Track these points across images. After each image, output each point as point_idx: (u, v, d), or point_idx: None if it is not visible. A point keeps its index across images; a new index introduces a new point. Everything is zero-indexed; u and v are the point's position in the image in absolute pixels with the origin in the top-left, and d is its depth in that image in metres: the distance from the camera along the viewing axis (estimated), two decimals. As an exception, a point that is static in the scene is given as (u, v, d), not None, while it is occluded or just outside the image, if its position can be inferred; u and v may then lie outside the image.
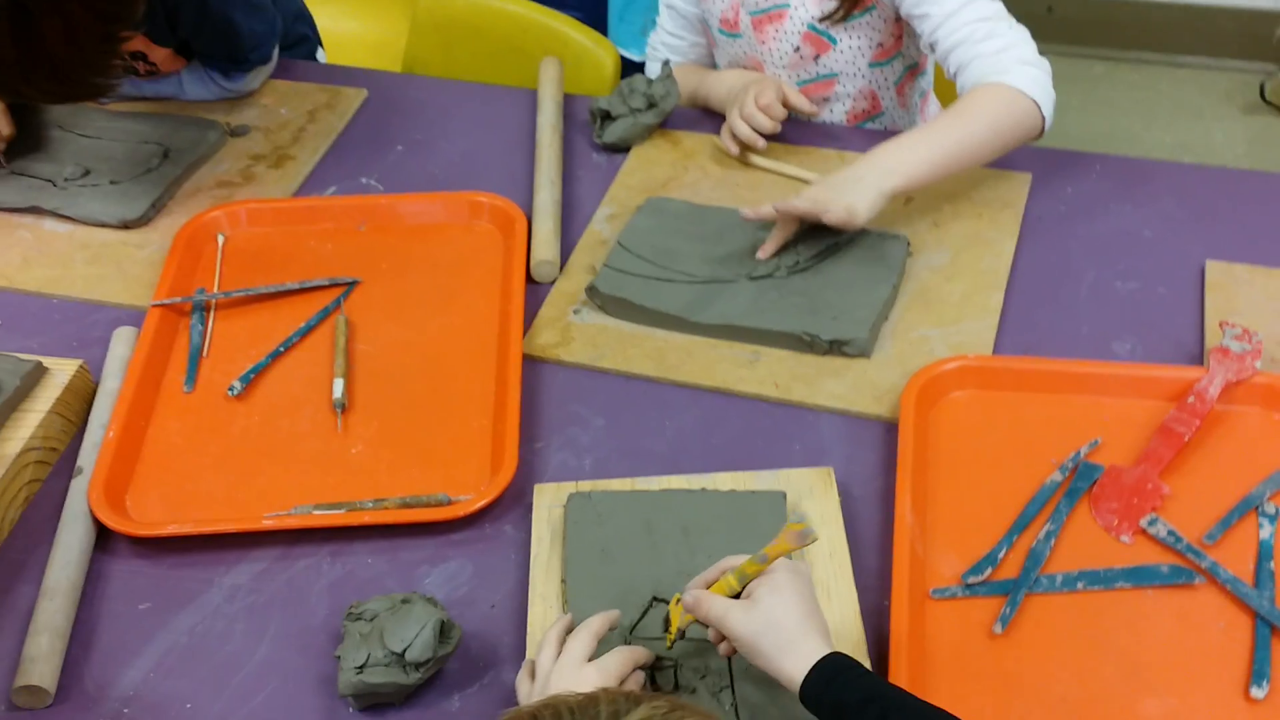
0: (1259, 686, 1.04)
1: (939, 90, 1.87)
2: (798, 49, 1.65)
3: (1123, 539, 1.15)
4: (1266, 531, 1.14)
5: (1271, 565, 1.12)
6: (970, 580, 1.13)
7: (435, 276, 1.51)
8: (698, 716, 0.68)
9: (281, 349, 1.41)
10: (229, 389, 1.36)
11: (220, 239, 1.56)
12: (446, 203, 1.58)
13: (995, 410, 1.28)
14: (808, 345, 1.36)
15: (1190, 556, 1.13)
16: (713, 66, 1.82)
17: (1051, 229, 1.51)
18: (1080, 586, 1.12)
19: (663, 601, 1.11)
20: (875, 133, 1.71)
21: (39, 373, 1.34)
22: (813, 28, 1.63)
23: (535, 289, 1.48)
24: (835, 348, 1.35)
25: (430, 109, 1.79)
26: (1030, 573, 1.12)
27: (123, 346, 1.40)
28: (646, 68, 1.89)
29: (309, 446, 1.31)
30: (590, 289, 1.43)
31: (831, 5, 1.61)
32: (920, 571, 1.14)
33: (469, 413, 1.33)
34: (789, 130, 1.63)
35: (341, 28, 2.30)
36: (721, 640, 1.01)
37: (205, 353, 1.42)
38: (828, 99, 1.72)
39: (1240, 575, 1.11)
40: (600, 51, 1.96)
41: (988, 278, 1.43)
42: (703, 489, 1.20)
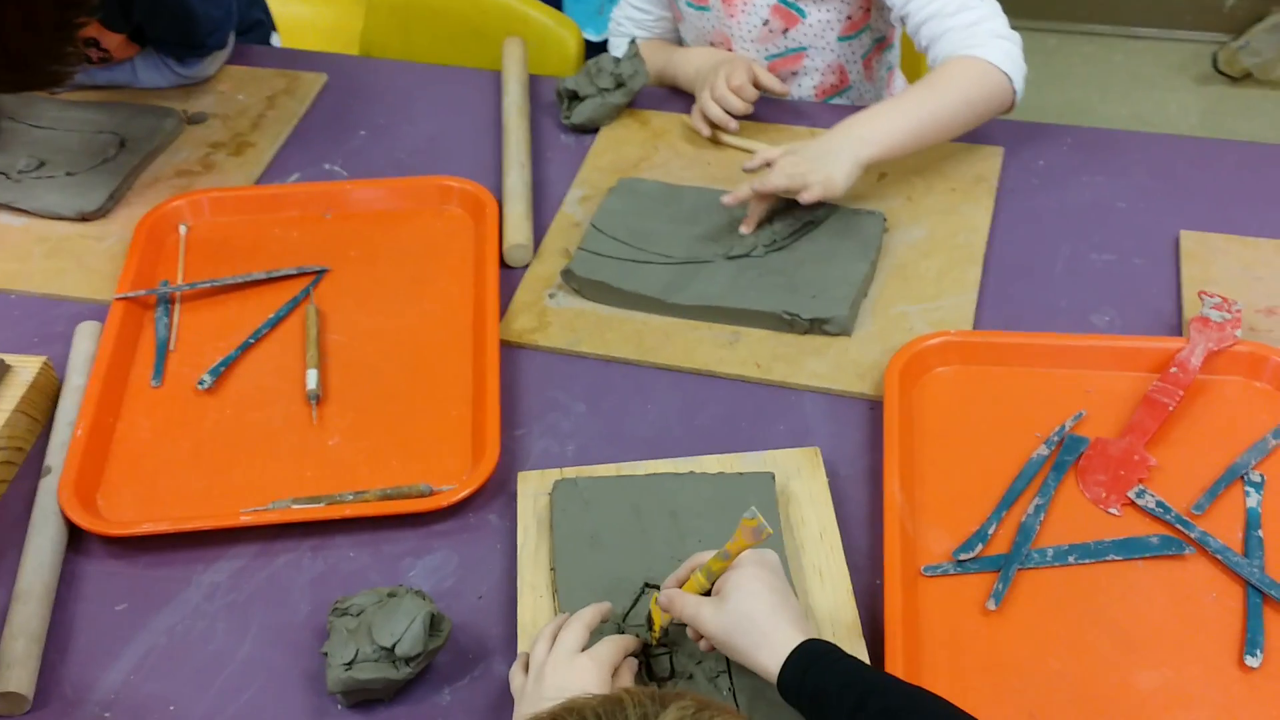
0: (1253, 655, 1.04)
1: (906, 65, 1.86)
2: (766, 22, 1.64)
3: (1111, 511, 1.15)
4: (1253, 499, 1.15)
5: (1260, 533, 1.12)
6: (962, 557, 1.12)
7: (405, 263, 1.48)
8: (727, 716, 0.67)
9: (251, 340, 1.38)
10: (199, 383, 1.33)
11: (183, 229, 1.52)
12: (414, 188, 1.55)
13: (979, 385, 1.27)
14: (788, 324, 1.34)
15: (1179, 527, 1.13)
16: (678, 42, 1.80)
17: (1025, 202, 1.50)
18: (1071, 560, 1.11)
19: (654, 587, 1.09)
20: (844, 108, 1.69)
21: (1, 371, 1.30)
22: (782, 0, 1.62)
23: (508, 274, 1.45)
24: (815, 326, 1.34)
25: (392, 93, 1.76)
26: (1021, 548, 1.12)
27: (87, 342, 1.37)
28: (609, 44, 1.87)
29: (284, 440, 1.28)
30: (566, 272, 1.41)
31: (800, -21, 1.60)
32: (911, 550, 1.13)
33: (447, 401, 1.31)
34: (758, 107, 1.61)
35: (294, 12, 2.25)
36: (700, 637, 1.00)
37: (172, 346, 1.38)
38: (796, 73, 1.70)
39: (1229, 544, 1.11)
40: (563, 31, 1.94)
41: (964, 252, 1.43)
42: (690, 472, 1.19)
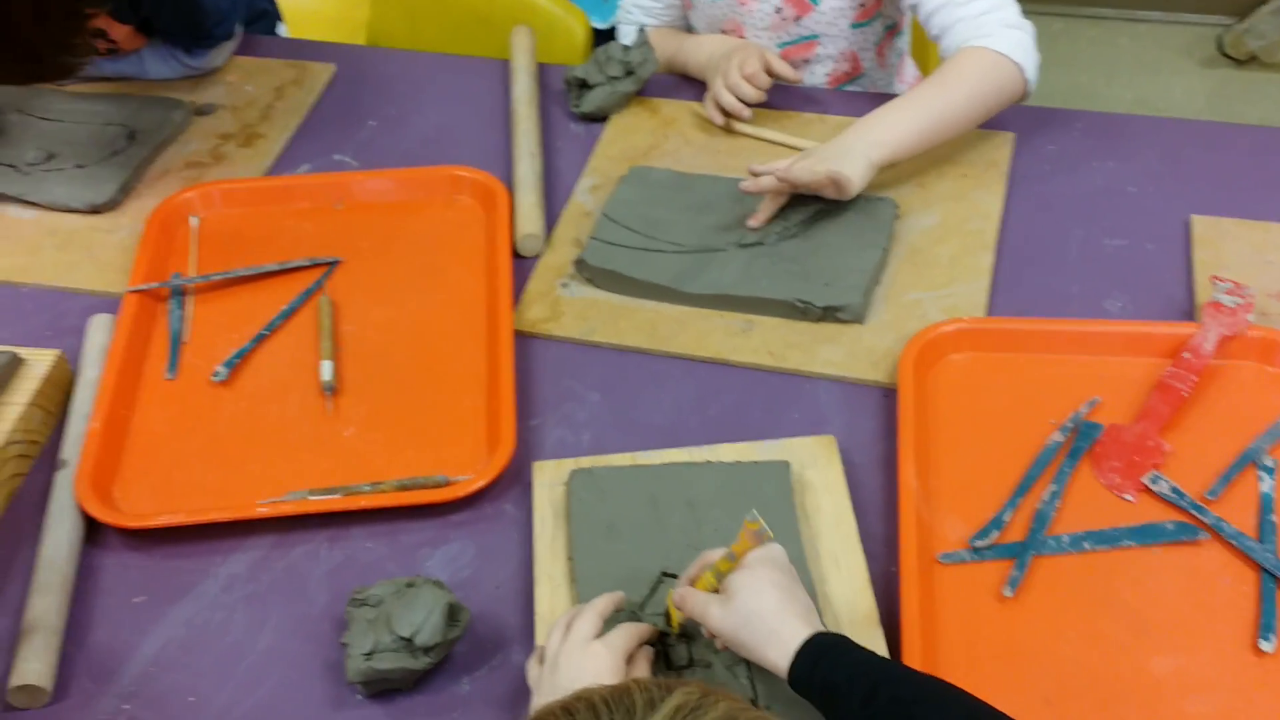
0: (1267, 640, 1.04)
1: (915, 51, 1.86)
2: (779, 10, 1.63)
3: (1126, 497, 1.15)
4: (1267, 485, 1.15)
5: (1273, 518, 1.12)
6: (978, 544, 1.12)
7: (418, 254, 1.48)
8: (730, 701, 0.67)
9: (265, 332, 1.38)
10: (213, 375, 1.33)
11: (194, 221, 1.52)
12: (425, 178, 1.55)
13: (993, 372, 1.27)
14: (801, 312, 1.35)
15: (1194, 513, 1.13)
16: (686, 29, 1.80)
17: (1037, 188, 1.50)
18: (1087, 547, 1.12)
19: (671, 576, 1.10)
20: (856, 95, 1.69)
21: (15, 364, 1.30)
22: (794, -12, 1.61)
23: (520, 264, 1.45)
24: (829, 314, 1.34)
25: (400, 83, 1.76)
26: (1037, 535, 1.12)
27: (100, 334, 1.37)
28: (618, 32, 1.87)
29: (299, 431, 1.29)
30: (578, 262, 1.41)
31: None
32: (927, 537, 1.13)
33: (462, 391, 1.31)
34: (771, 95, 1.61)
35: (300, 2, 2.25)
36: (714, 635, 1.00)
37: (186, 338, 1.39)
38: (809, 60, 1.70)
39: (1244, 529, 1.12)
40: (570, 19, 1.93)
41: (976, 239, 1.43)
42: (706, 461, 1.19)
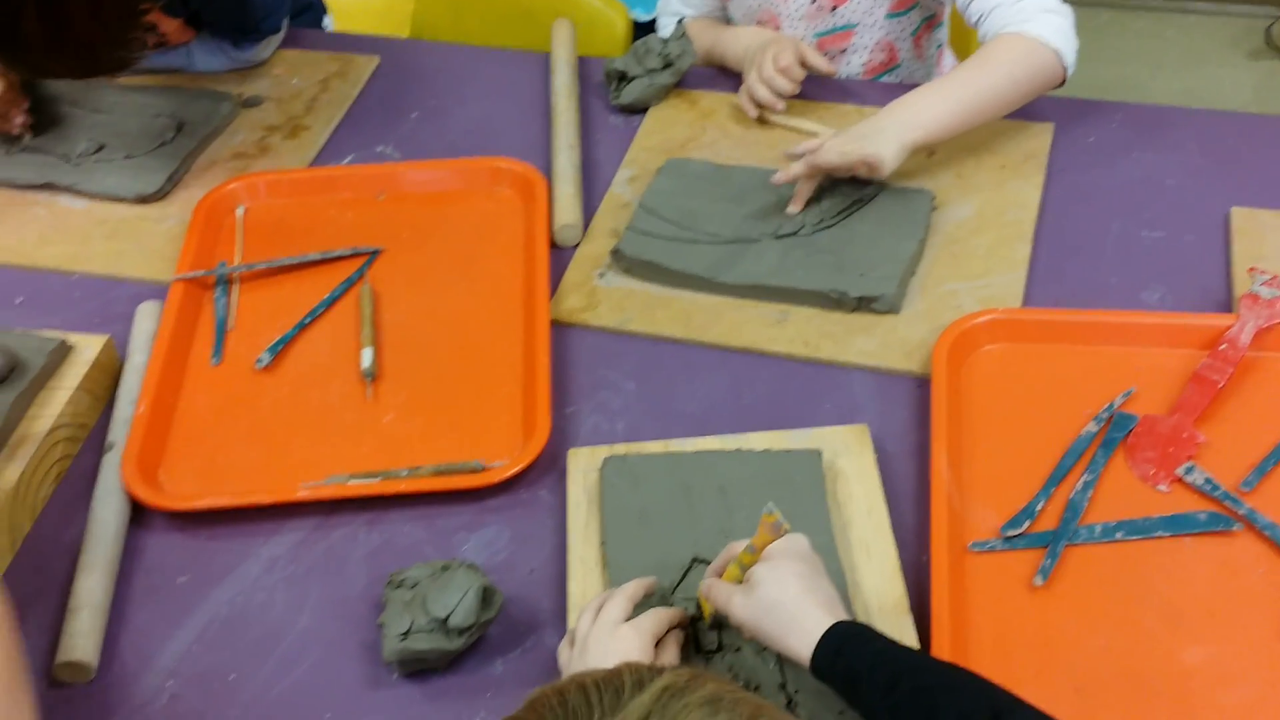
0: (1301, 631, 1.04)
1: (954, 42, 1.85)
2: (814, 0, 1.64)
3: (1160, 488, 1.15)
4: (1303, 477, 1.15)
5: (1309, 510, 1.12)
6: (1009, 533, 1.13)
7: (457, 243, 1.50)
8: (718, 683, 0.68)
9: (307, 320, 1.41)
10: (257, 361, 1.36)
11: (240, 211, 1.55)
12: (465, 169, 1.57)
13: (1027, 363, 1.27)
14: (835, 303, 1.35)
15: (1228, 504, 1.13)
16: (725, 21, 1.81)
17: (1075, 179, 1.50)
18: (1119, 536, 1.12)
19: (703, 562, 1.11)
20: (893, 86, 1.69)
21: (64, 350, 1.33)
22: (831, -22, 1.62)
23: (558, 254, 1.47)
24: (863, 304, 1.34)
25: (443, 75, 1.78)
26: (1069, 524, 1.12)
27: (148, 321, 1.40)
28: (658, 24, 1.88)
29: (340, 416, 1.31)
30: (615, 252, 1.43)
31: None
32: (958, 526, 1.14)
33: (499, 379, 1.33)
34: (806, 86, 1.61)
35: (346, -5, 2.28)
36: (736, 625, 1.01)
37: (231, 325, 1.41)
38: (845, 50, 1.70)
39: (1277, 521, 1.11)
40: (611, 12, 1.95)
41: (1013, 229, 1.43)
42: (738, 449, 1.20)
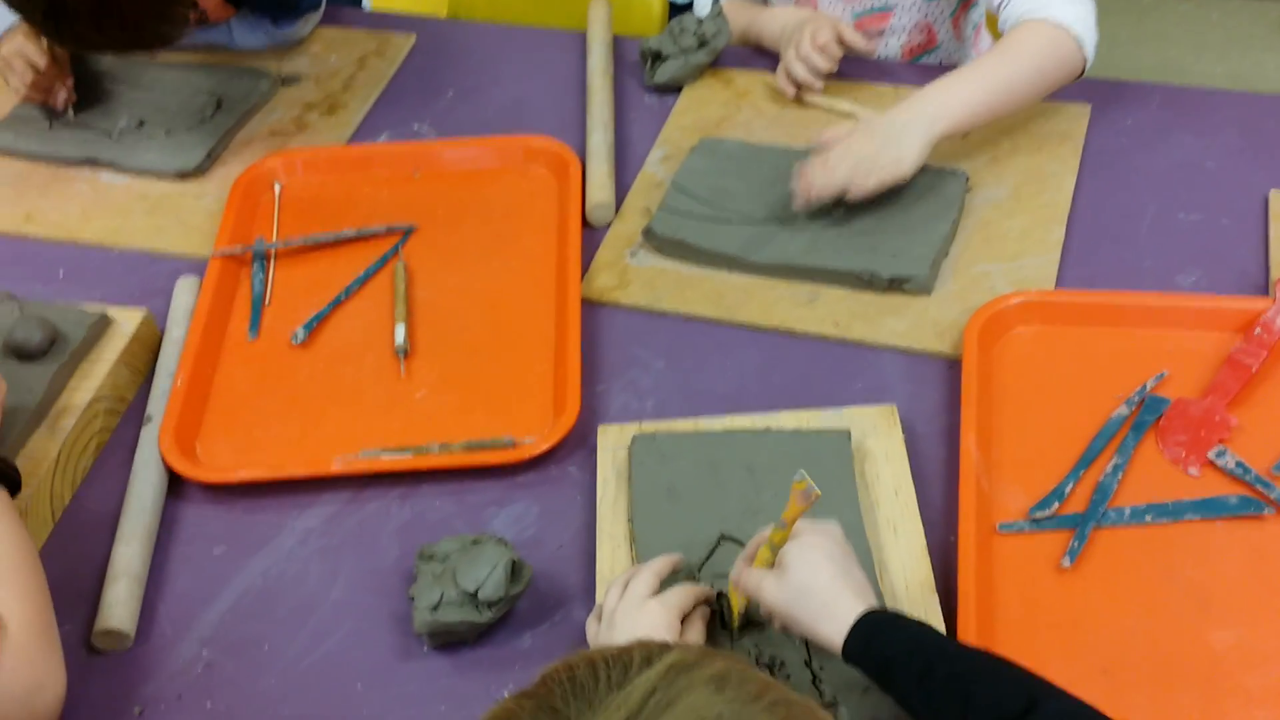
0: (1331, 617, 1.04)
1: (989, 23, 1.84)
2: (852, -20, 1.63)
3: (1190, 471, 1.15)
4: (1336, 462, 1.14)
5: (1342, 496, 1.11)
6: (1037, 515, 1.13)
7: (491, 221, 1.51)
8: (726, 661, 0.69)
9: (343, 296, 1.42)
10: (292, 336, 1.38)
11: (277, 187, 1.56)
12: (500, 147, 1.58)
13: (1059, 345, 1.27)
14: (867, 283, 1.35)
15: (1259, 487, 1.12)
16: (763, 1, 1.80)
17: (1112, 161, 1.49)
18: (1148, 519, 1.11)
19: (731, 540, 1.11)
20: (931, 68, 1.68)
21: (104, 323, 1.35)
22: (867, -41, 1.61)
23: (590, 232, 1.47)
24: (895, 285, 1.34)
25: (479, 54, 1.79)
26: (1098, 506, 1.12)
27: (186, 296, 1.42)
28: (695, 5, 1.87)
29: (373, 392, 1.32)
30: (647, 231, 1.43)
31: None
32: (986, 507, 1.14)
33: (530, 356, 1.34)
34: (844, 66, 1.61)
35: (384, -27, 2.29)
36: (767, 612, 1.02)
37: (268, 301, 1.43)
38: (883, 32, 1.70)
39: (1310, 506, 1.11)
40: (647, -9, 1.94)
41: (1048, 212, 1.42)
42: (766, 428, 1.20)
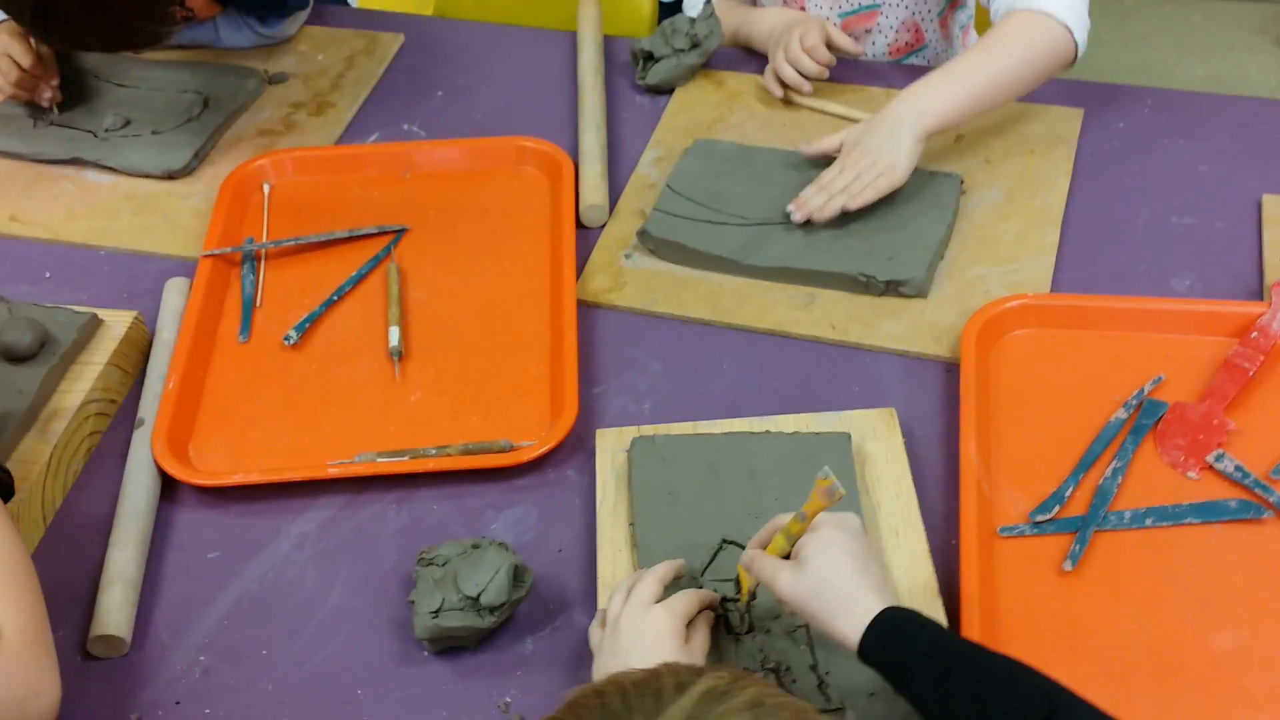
0: (1330, 619, 1.04)
1: (980, 23, 1.84)
2: (841, -20, 1.63)
3: (1189, 475, 1.15)
4: (1333, 465, 1.14)
5: (1339, 499, 1.12)
6: (1038, 518, 1.13)
7: (483, 222, 1.50)
8: (759, 686, 0.68)
9: (335, 297, 1.41)
10: (285, 338, 1.36)
11: (266, 188, 1.55)
12: (491, 148, 1.57)
13: (1056, 348, 1.27)
14: (864, 286, 1.35)
15: (1258, 491, 1.13)
16: (752, 2, 1.80)
17: (1105, 165, 1.49)
18: (1149, 523, 1.12)
19: (732, 544, 1.11)
20: (918, 68, 1.68)
21: (94, 325, 1.34)
22: (856, -41, 1.61)
23: (584, 234, 1.47)
24: (892, 288, 1.34)
25: (468, 53, 1.78)
26: (1099, 510, 1.12)
27: (176, 297, 1.40)
28: (684, 6, 1.87)
29: (368, 394, 1.31)
30: (642, 233, 1.43)
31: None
32: (987, 511, 1.14)
33: (526, 359, 1.33)
34: (833, 68, 1.61)
35: (369, -29, 2.27)
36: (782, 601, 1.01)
37: (258, 303, 1.42)
38: (869, 31, 1.70)
39: (1308, 509, 1.11)
40: (637, -8, 1.94)
41: (1042, 215, 1.42)
42: (766, 431, 1.20)
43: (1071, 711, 0.85)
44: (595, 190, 1.49)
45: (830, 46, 1.59)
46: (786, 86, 1.60)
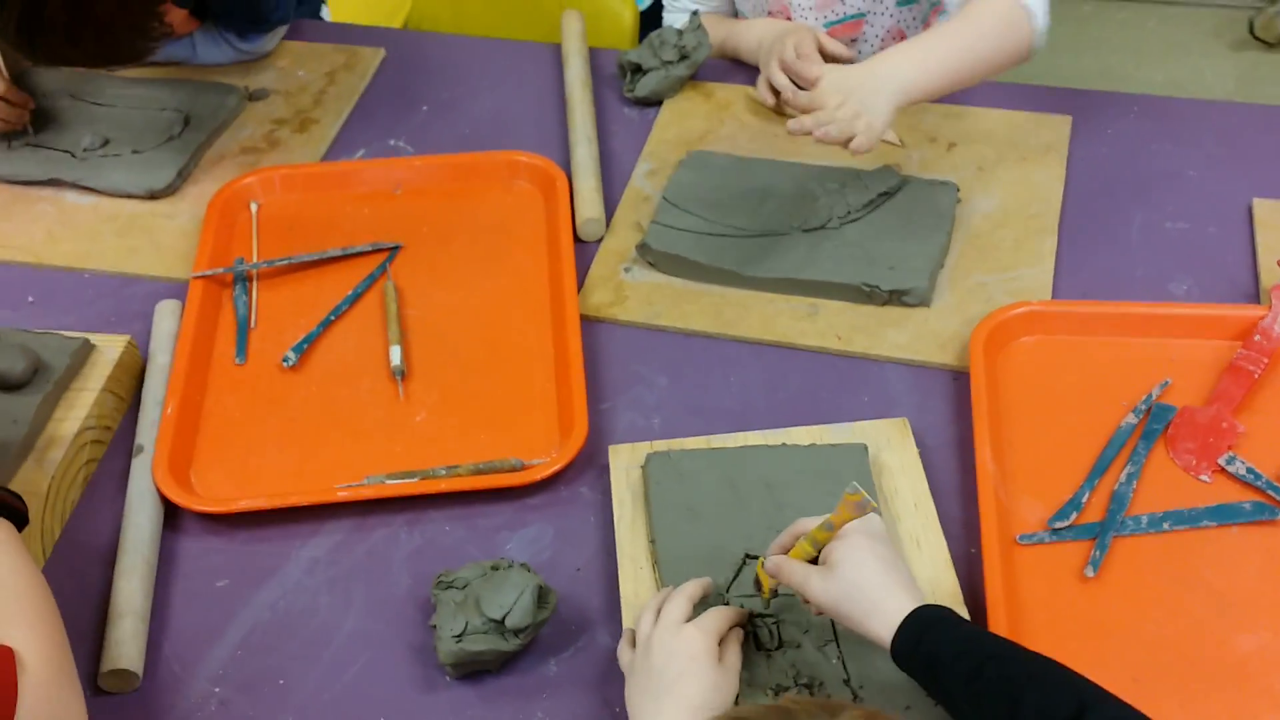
0: (1349, 618, 1.05)
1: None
2: (827, -11, 1.63)
3: (1202, 478, 1.16)
4: (1342, 465, 1.16)
5: (1350, 498, 1.13)
6: (1057, 525, 1.13)
7: (478, 238, 1.48)
8: None
9: (331, 317, 1.39)
10: (283, 360, 1.34)
11: (254, 206, 1.52)
12: (483, 163, 1.55)
13: (1062, 354, 1.28)
14: (867, 296, 1.35)
15: (1270, 492, 1.14)
16: (733, 14, 1.80)
17: (1096, 171, 1.50)
18: (1166, 527, 1.12)
19: (754, 558, 1.10)
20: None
21: (87, 350, 1.31)
22: (842, -32, 1.61)
23: (581, 248, 1.45)
24: (895, 297, 1.34)
25: (451, 67, 1.76)
26: (1116, 515, 1.13)
27: (168, 320, 1.37)
28: (664, 17, 1.87)
29: (372, 415, 1.29)
30: (642, 246, 1.42)
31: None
32: (1005, 519, 1.14)
33: (531, 376, 1.32)
34: (825, 79, 1.61)
35: (338, -15, 2.25)
36: (809, 601, 1.01)
37: (253, 324, 1.39)
38: (855, 40, 1.70)
39: (1321, 510, 1.13)
40: (618, 3, 1.93)
41: (1038, 222, 1.43)
42: (783, 444, 1.20)
43: (1102, 707, 0.86)
44: (591, 204, 1.47)
45: (822, 53, 1.59)
46: (779, 96, 1.60)
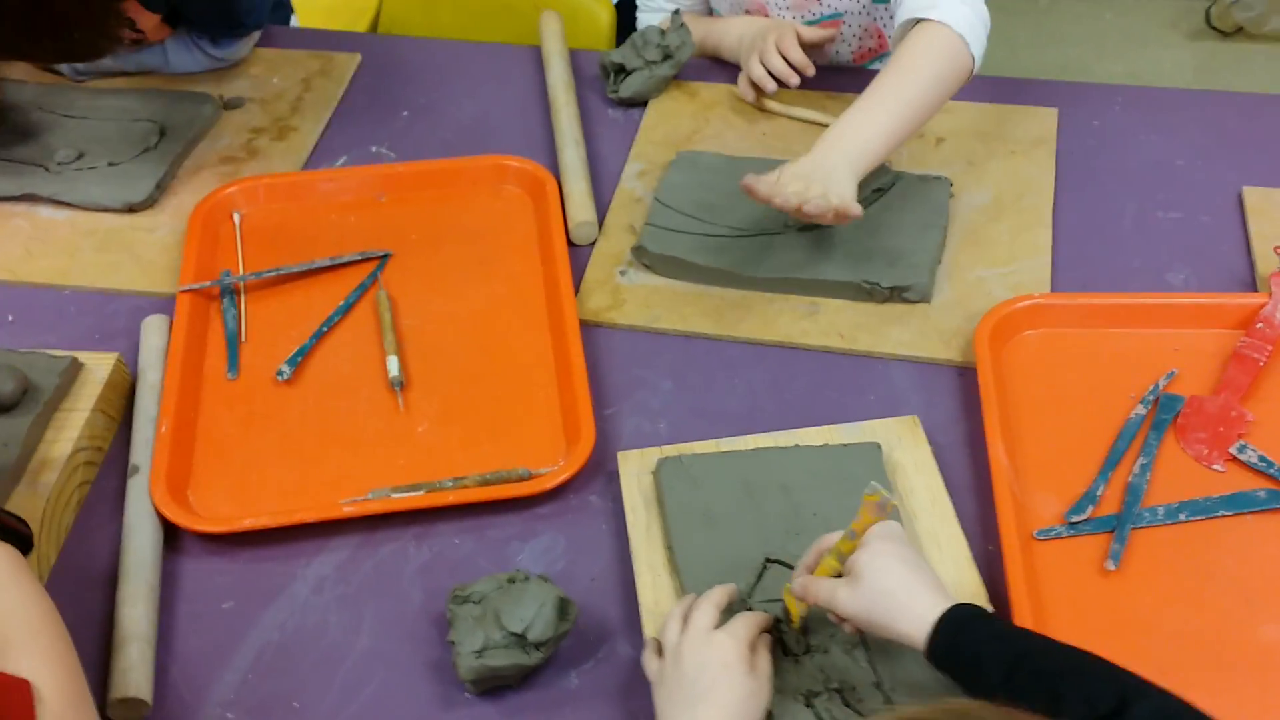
0: (1368, 603, 1.06)
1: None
2: (803, -12, 1.62)
3: (1215, 468, 1.16)
4: (1350, 450, 1.16)
5: (1360, 482, 1.14)
6: (1074, 519, 1.13)
7: (468, 244, 1.46)
8: None
9: (324, 329, 1.36)
10: (277, 373, 1.31)
11: (237, 217, 1.49)
12: (470, 168, 1.53)
13: (1067, 347, 1.28)
14: (867, 293, 1.34)
15: (1283, 480, 1.15)
16: (708, 14, 1.78)
17: (1085, 163, 1.51)
18: (1183, 518, 1.12)
19: (776, 562, 1.09)
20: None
21: (75, 369, 1.27)
22: (820, -33, 1.60)
23: (574, 252, 1.44)
24: (895, 294, 1.34)
25: (430, 71, 1.73)
26: (1132, 507, 1.13)
27: (156, 336, 1.34)
28: (639, 18, 1.85)
29: (372, 428, 1.27)
30: (637, 248, 1.40)
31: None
32: (1021, 514, 1.14)
33: (532, 383, 1.29)
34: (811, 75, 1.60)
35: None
36: (843, 620, 1.00)
37: (243, 338, 1.36)
38: (833, 40, 1.70)
39: (1334, 495, 1.13)
40: (594, 4, 1.91)
41: (1032, 215, 1.43)
42: (795, 445, 1.18)
43: (1144, 697, 0.85)
44: (583, 207, 1.46)
45: (803, 45, 1.58)
46: (759, 91, 1.59)
